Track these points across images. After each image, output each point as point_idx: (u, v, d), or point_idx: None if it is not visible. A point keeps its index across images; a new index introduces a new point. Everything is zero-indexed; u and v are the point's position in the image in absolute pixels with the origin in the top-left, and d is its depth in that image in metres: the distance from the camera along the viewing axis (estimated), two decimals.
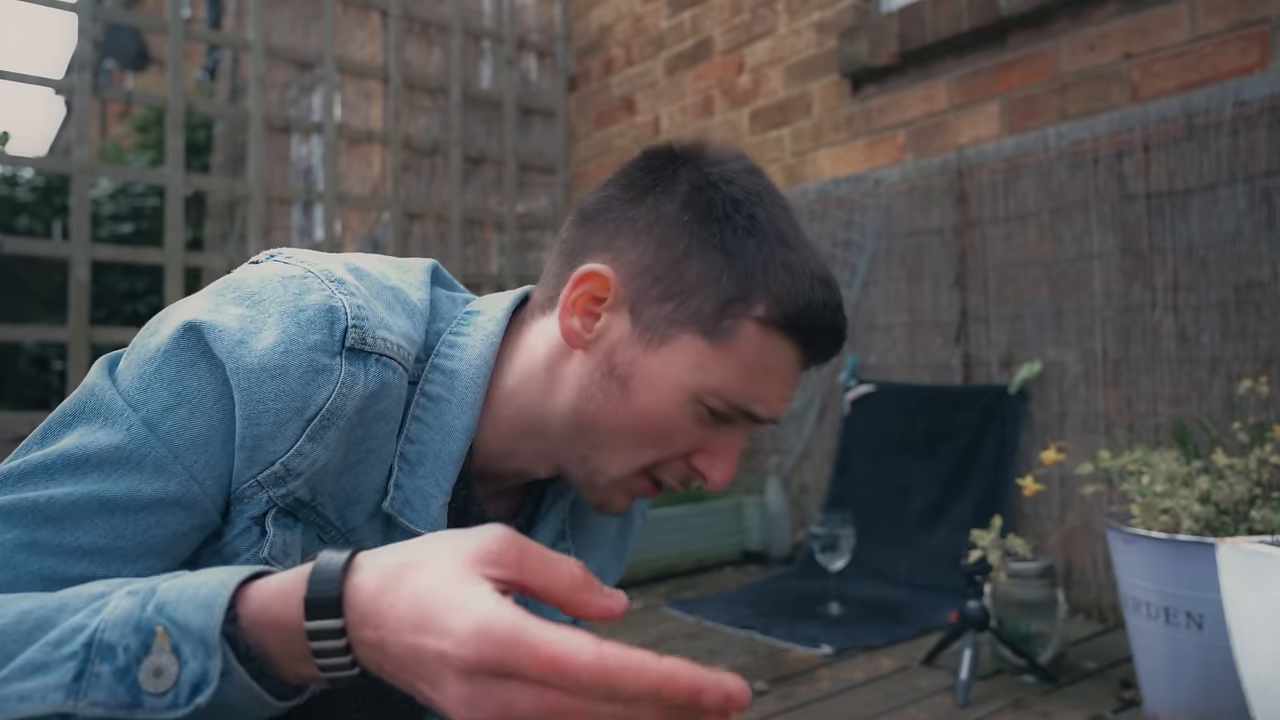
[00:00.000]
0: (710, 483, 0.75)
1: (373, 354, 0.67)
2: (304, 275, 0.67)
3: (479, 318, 0.76)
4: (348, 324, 0.65)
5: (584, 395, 0.74)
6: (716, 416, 0.72)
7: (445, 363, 0.73)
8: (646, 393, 0.72)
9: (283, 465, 0.64)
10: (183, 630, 0.51)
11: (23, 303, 6.29)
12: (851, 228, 2.52)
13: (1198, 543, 1.27)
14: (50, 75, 2.66)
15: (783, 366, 0.73)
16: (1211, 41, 1.84)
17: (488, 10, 3.59)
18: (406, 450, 0.71)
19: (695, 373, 0.71)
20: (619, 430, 0.73)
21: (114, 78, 8.86)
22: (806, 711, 1.48)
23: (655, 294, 0.72)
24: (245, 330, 0.64)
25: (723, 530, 2.55)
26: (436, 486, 0.71)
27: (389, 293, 0.71)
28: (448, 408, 0.72)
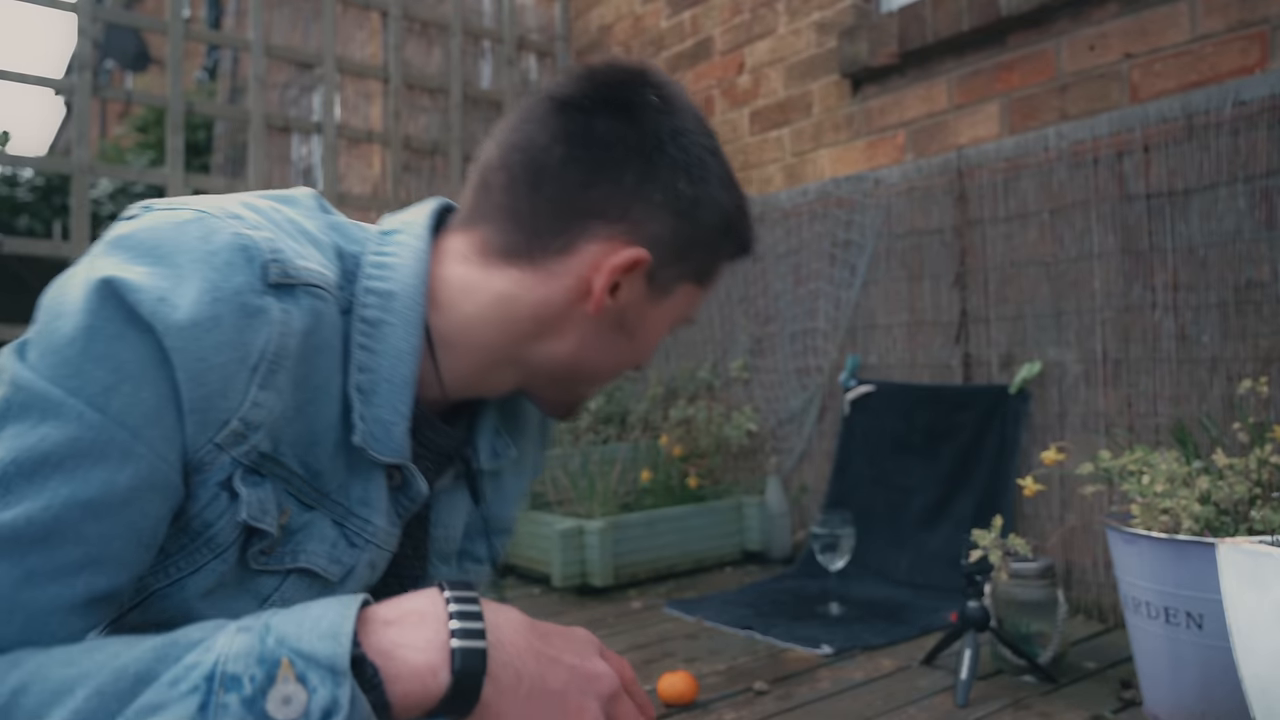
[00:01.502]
0: (641, 369, 0.85)
1: (299, 285, 0.63)
2: (199, 217, 0.62)
3: (400, 236, 0.74)
4: (265, 260, 0.61)
5: (587, 346, 0.77)
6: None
7: (378, 284, 0.70)
8: (644, 335, 0.79)
9: (240, 421, 0.61)
10: (308, 660, 0.52)
11: (23, 303, 6.28)
12: (851, 228, 2.52)
13: (1198, 543, 1.27)
14: (50, 75, 2.66)
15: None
16: (1211, 41, 1.84)
17: (488, 10, 3.59)
18: (360, 381, 0.68)
19: (683, 308, 0.80)
20: (614, 368, 0.79)
21: (114, 78, 8.86)
22: (806, 711, 1.48)
23: (669, 259, 0.76)
24: (160, 287, 0.58)
25: (723, 530, 2.55)
26: (395, 413, 0.69)
27: (288, 223, 0.68)
28: (391, 330, 0.69)
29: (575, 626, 0.66)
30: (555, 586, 2.29)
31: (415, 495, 0.75)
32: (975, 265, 2.24)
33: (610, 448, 2.65)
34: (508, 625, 0.60)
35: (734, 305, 2.88)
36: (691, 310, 0.82)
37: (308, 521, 0.68)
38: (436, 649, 0.56)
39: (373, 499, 0.71)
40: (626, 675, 0.66)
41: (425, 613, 0.58)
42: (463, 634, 0.56)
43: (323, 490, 0.68)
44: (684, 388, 2.91)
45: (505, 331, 0.75)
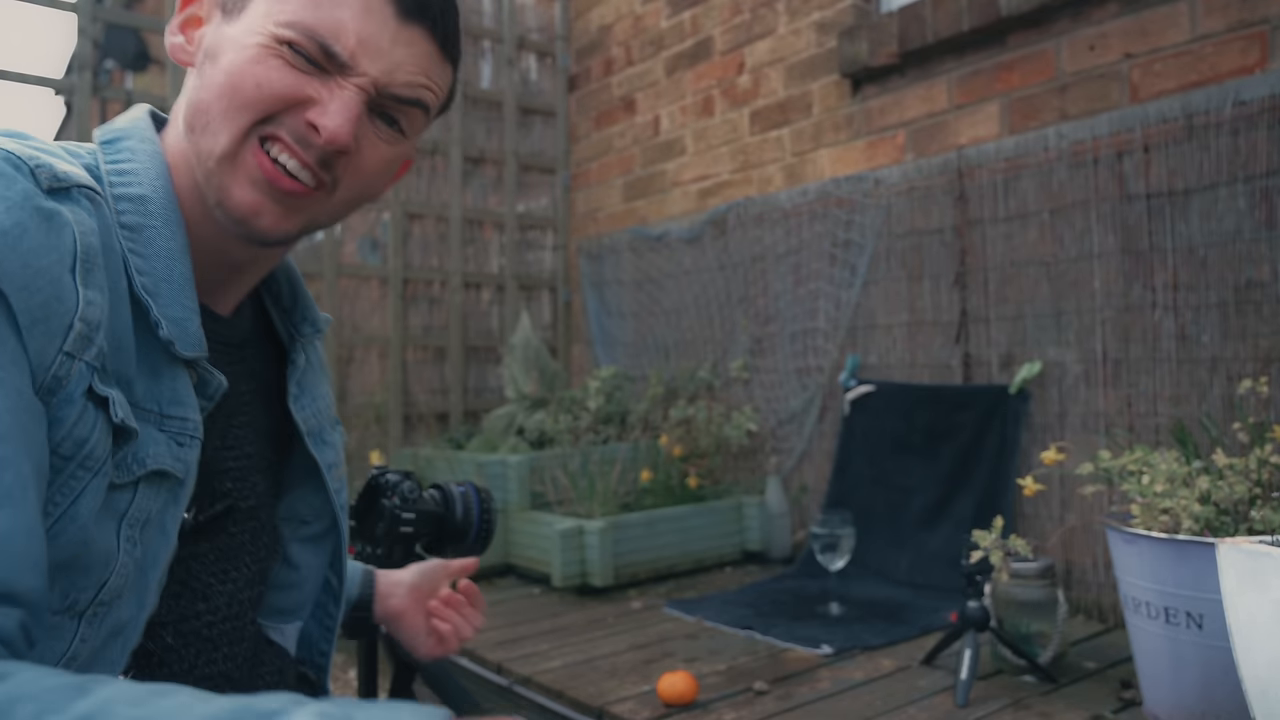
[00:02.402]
0: (323, 130, 0.69)
1: (71, 187, 0.63)
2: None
3: (127, 142, 0.73)
4: (31, 167, 0.61)
5: (189, 98, 0.73)
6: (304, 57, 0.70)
7: (127, 190, 0.70)
8: (231, 52, 0.71)
9: (81, 321, 0.60)
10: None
11: None
12: (851, 228, 2.52)
13: (1198, 543, 1.27)
14: (50, 75, 2.66)
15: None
16: (1211, 41, 1.84)
17: (488, 10, 3.59)
18: (143, 283, 0.68)
19: (268, 16, 0.70)
20: (214, 98, 0.70)
21: (114, 78, 8.85)
22: (806, 711, 1.48)
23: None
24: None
25: (723, 530, 2.55)
26: (183, 308, 0.69)
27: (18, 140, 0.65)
28: (155, 233, 0.69)
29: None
30: (555, 586, 2.29)
31: (214, 391, 0.74)
32: (975, 265, 2.24)
33: (610, 448, 2.66)
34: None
35: (734, 305, 2.88)
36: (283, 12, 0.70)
37: (140, 435, 0.67)
38: None
39: (183, 396, 0.71)
40: None
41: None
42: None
43: (134, 400, 0.67)
44: (684, 388, 2.91)
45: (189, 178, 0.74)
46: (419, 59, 0.74)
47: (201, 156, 0.71)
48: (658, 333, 3.16)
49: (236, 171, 0.70)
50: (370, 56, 0.71)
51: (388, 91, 0.73)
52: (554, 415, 2.80)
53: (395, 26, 0.72)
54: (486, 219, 3.40)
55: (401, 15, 0.72)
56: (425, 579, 1.11)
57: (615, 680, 1.65)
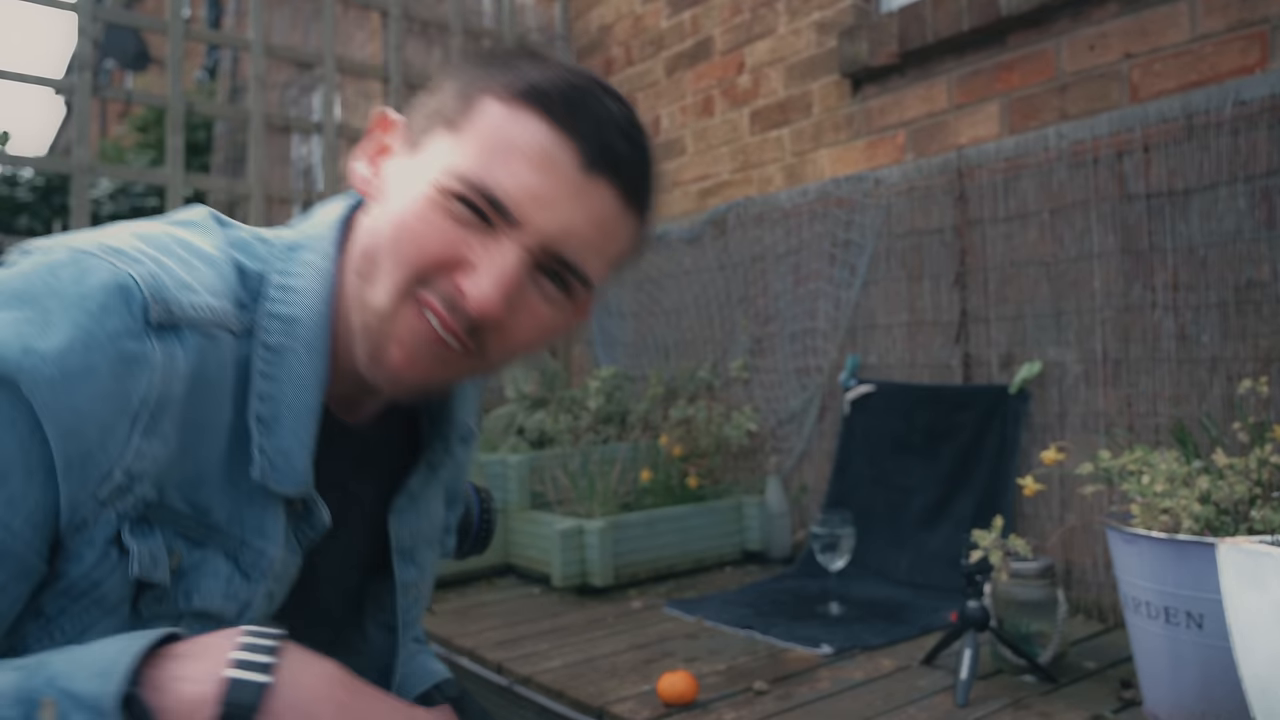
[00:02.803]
0: (468, 300, 0.64)
1: (183, 324, 0.60)
2: (73, 256, 0.58)
3: (305, 254, 0.70)
4: (145, 299, 0.57)
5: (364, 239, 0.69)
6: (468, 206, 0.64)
7: (281, 309, 0.67)
8: (399, 196, 0.67)
9: (123, 473, 0.57)
10: (74, 699, 0.49)
11: None
12: (851, 228, 2.52)
13: (1198, 543, 1.27)
14: (50, 75, 2.66)
15: (534, 146, 0.64)
16: (1211, 41, 1.84)
17: (488, 10, 3.59)
18: (260, 411, 0.65)
19: (437, 161, 0.66)
20: (378, 248, 0.67)
21: (114, 78, 8.86)
22: (806, 711, 1.48)
23: (419, 121, 0.70)
24: (25, 336, 0.54)
25: (723, 530, 2.55)
26: (297, 441, 0.66)
27: (180, 247, 0.63)
28: (295, 358, 0.66)
29: (405, 704, 0.62)
30: (555, 586, 2.29)
31: (318, 524, 0.72)
32: (975, 265, 2.24)
33: (610, 448, 2.65)
34: (312, 672, 0.56)
35: (734, 305, 2.88)
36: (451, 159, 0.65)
37: (199, 560, 0.65)
38: (210, 681, 0.51)
39: (269, 529, 0.68)
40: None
41: (212, 645, 0.54)
42: (242, 665, 0.52)
43: (212, 524, 0.65)
44: (684, 388, 2.91)
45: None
46: (599, 214, 0.67)
47: (364, 306, 0.68)
48: (658, 333, 3.16)
49: (393, 330, 0.67)
50: (543, 212, 0.64)
51: (555, 253, 0.66)
52: (554, 415, 2.80)
53: (577, 179, 0.65)
54: None
55: (586, 167, 0.65)
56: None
57: (615, 680, 1.65)
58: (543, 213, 0.65)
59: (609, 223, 0.68)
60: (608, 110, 0.67)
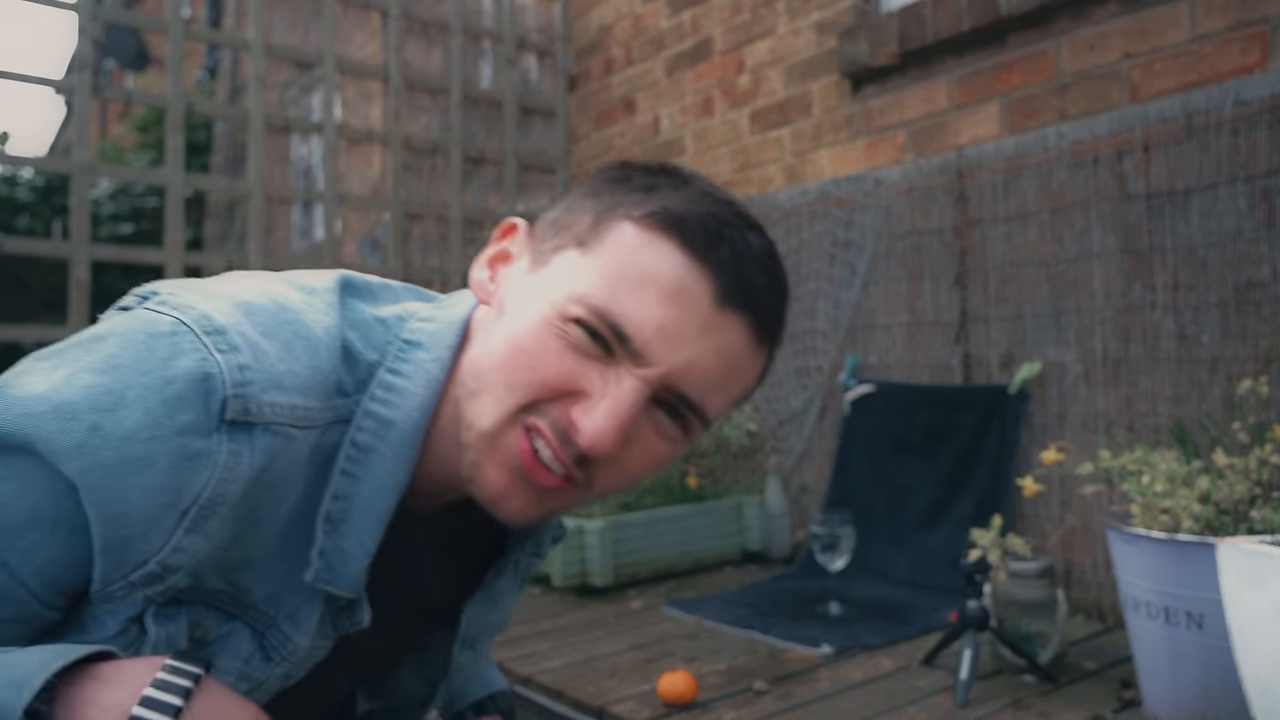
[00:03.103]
0: (580, 433, 0.61)
1: (259, 424, 0.57)
2: (173, 332, 0.57)
3: (419, 354, 0.67)
4: (226, 394, 0.56)
5: (475, 352, 0.67)
6: (591, 335, 0.61)
7: (380, 409, 0.64)
8: (520, 314, 0.64)
9: (159, 564, 0.57)
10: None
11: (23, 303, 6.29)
12: (851, 228, 2.52)
13: (1198, 543, 1.27)
14: (50, 75, 2.66)
15: (667, 276, 0.61)
16: (1211, 41, 1.84)
17: (488, 10, 3.59)
18: (331, 510, 0.63)
19: (562, 283, 0.63)
20: (493, 366, 0.63)
21: (114, 78, 8.86)
22: (806, 711, 1.48)
23: (549, 233, 0.68)
24: (98, 410, 0.54)
25: (723, 530, 2.55)
26: (360, 547, 0.64)
27: (287, 329, 0.61)
28: (379, 461, 0.64)
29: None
30: (555, 586, 2.29)
31: (356, 623, 0.69)
32: (975, 265, 2.24)
33: None
34: (222, 713, 0.54)
35: None
36: (579, 284, 0.62)
37: (226, 633, 0.64)
38: (116, 713, 0.50)
39: (302, 619, 0.66)
40: None
41: (133, 675, 0.52)
42: (150, 703, 0.51)
43: (248, 602, 0.64)
44: None
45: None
46: (727, 350, 0.63)
47: (465, 423, 0.65)
48: None
49: (495, 452, 0.63)
50: (669, 348, 0.61)
51: (676, 390, 0.62)
52: None
53: (709, 313, 0.61)
54: (486, 219, 3.40)
55: (719, 301, 0.62)
56: None
57: (615, 680, 1.65)
58: (669, 349, 0.61)
59: (736, 358, 0.64)
60: (747, 242, 0.63)
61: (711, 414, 0.65)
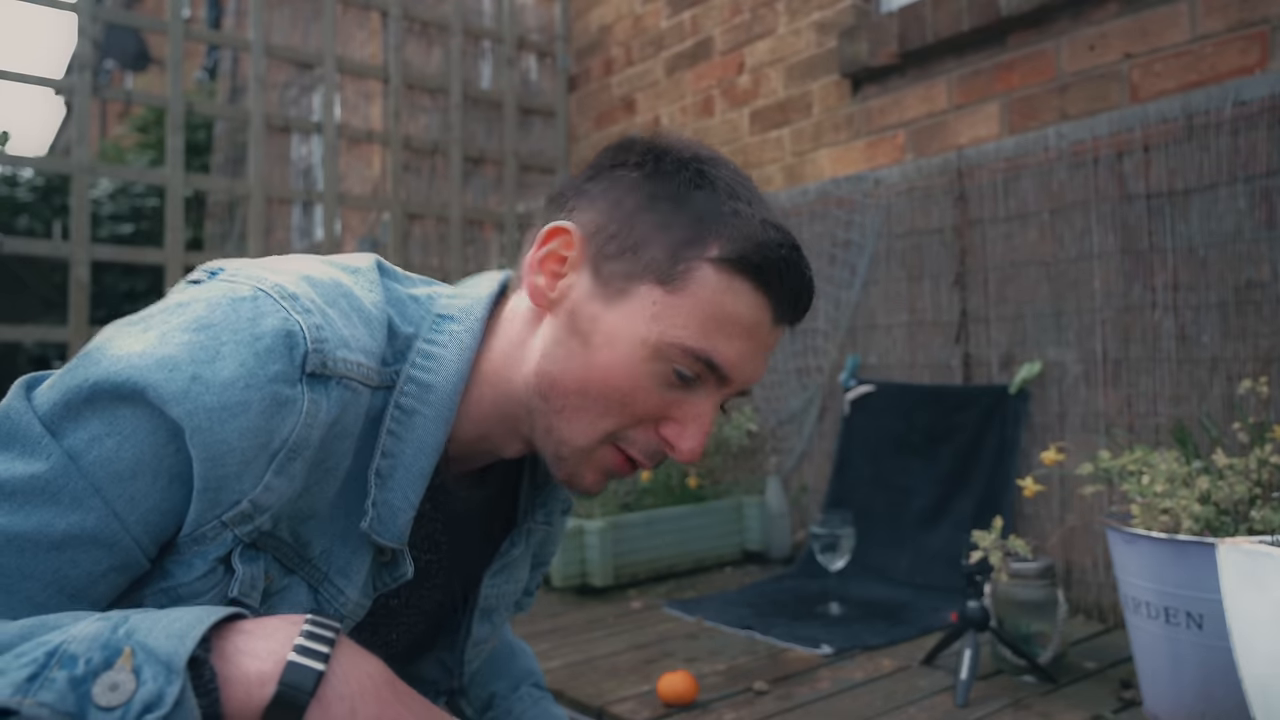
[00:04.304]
0: (679, 452, 0.72)
1: (334, 377, 0.65)
2: (254, 295, 0.64)
3: (452, 325, 0.75)
4: (307, 348, 0.63)
5: (548, 357, 0.73)
6: (681, 375, 0.71)
7: (421, 375, 0.72)
8: (607, 349, 0.71)
9: (250, 503, 0.62)
10: (149, 653, 0.52)
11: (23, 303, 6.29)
12: (851, 228, 2.52)
13: (1198, 543, 1.27)
14: (50, 75, 2.66)
15: (747, 315, 0.71)
16: (1211, 41, 1.84)
17: (488, 10, 3.59)
18: (381, 465, 0.70)
19: (654, 324, 0.70)
20: (581, 392, 0.72)
21: (114, 78, 8.86)
22: (806, 711, 1.48)
23: (612, 250, 0.73)
24: (197, 362, 0.60)
25: (723, 530, 2.55)
26: (405, 500, 0.71)
27: (344, 300, 0.69)
28: (421, 421, 0.71)
29: (442, 711, 0.65)
30: (555, 586, 2.29)
31: (400, 576, 0.75)
32: (975, 265, 2.24)
33: None
34: (361, 666, 0.59)
35: None
36: (672, 329, 0.70)
37: (286, 585, 0.69)
38: (273, 660, 0.55)
39: (353, 571, 0.72)
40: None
41: (278, 628, 0.58)
42: (302, 651, 0.56)
43: (306, 556, 0.69)
44: None
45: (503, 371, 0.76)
46: (773, 351, 0.77)
47: (553, 437, 0.74)
48: None
49: (589, 462, 0.74)
50: (748, 369, 0.73)
51: (747, 390, 0.76)
52: None
53: (770, 333, 0.74)
54: (486, 219, 3.40)
55: (776, 320, 0.74)
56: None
57: (615, 680, 1.65)
58: (747, 370, 0.73)
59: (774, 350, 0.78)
60: (802, 272, 0.74)
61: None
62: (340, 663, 0.57)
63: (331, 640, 0.58)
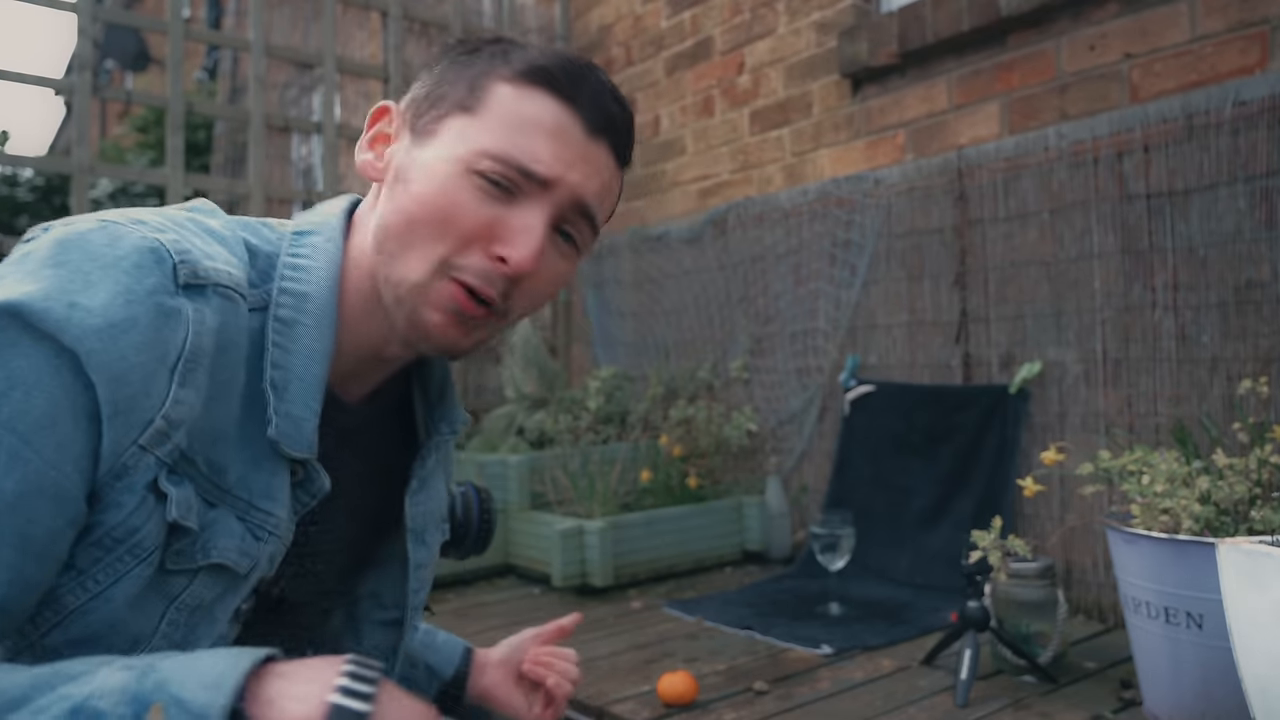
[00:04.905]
0: (510, 265, 0.71)
1: (209, 285, 0.64)
2: (102, 225, 0.63)
3: (313, 238, 0.76)
4: (174, 260, 0.62)
5: (379, 214, 0.75)
6: (493, 182, 0.71)
7: (293, 285, 0.72)
8: (422, 179, 0.72)
9: (163, 419, 0.62)
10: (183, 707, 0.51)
11: None
12: (851, 228, 2.52)
13: (1198, 543, 1.27)
14: (50, 75, 2.66)
15: (549, 120, 0.72)
16: (1211, 41, 1.84)
17: (488, 10, 3.59)
18: (274, 377, 0.70)
19: (459, 143, 0.72)
20: (406, 226, 0.72)
21: (114, 78, 8.86)
22: (806, 711, 1.48)
23: (425, 107, 0.76)
24: (69, 292, 0.58)
25: (723, 530, 2.55)
26: (306, 409, 0.71)
27: (191, 224, 0.68)
28: (305, 331, 0.71)
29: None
30: (555, 586, 2.29)
31: (316, 490, 0.75)
32: (975, 265, 2.24)
33: (610, 448, 2.65)
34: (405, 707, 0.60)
35: (734, 305, 2.88)
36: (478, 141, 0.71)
37: (213, 519, 0.68)
38: (316, 703, 0.55)
39: (276, 492, 0.72)
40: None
41: (318, 670, 0.57)
42: (345, 692, 0.56)
43: (224, 486, 0.69)
44: (684, 388, 2.91)
45: (362, 265, 0.77)
46: (602, 171, 0.76)
47: (391, 281, 0.73)
48: (658, 333, 3.16)
49: (429, 298, 0.72)
50: (566, 168, 0.73)
51: (580, 202, 0.74)
52: (554, 415, 2.80)
53: (584, 141, 0.74)
54: None
55: (589, 132, 0.74)
56: (514, 651, 1.11)
57: (615, 680, 1.65)
58: (564, 169, 0.72)
59: (609, 177, 0.77)
60: (600, 81, 0.75)
61: (600, 221, 0.78)
62: (384, 703, 0.57)
63: (375, 680, 0.57)
